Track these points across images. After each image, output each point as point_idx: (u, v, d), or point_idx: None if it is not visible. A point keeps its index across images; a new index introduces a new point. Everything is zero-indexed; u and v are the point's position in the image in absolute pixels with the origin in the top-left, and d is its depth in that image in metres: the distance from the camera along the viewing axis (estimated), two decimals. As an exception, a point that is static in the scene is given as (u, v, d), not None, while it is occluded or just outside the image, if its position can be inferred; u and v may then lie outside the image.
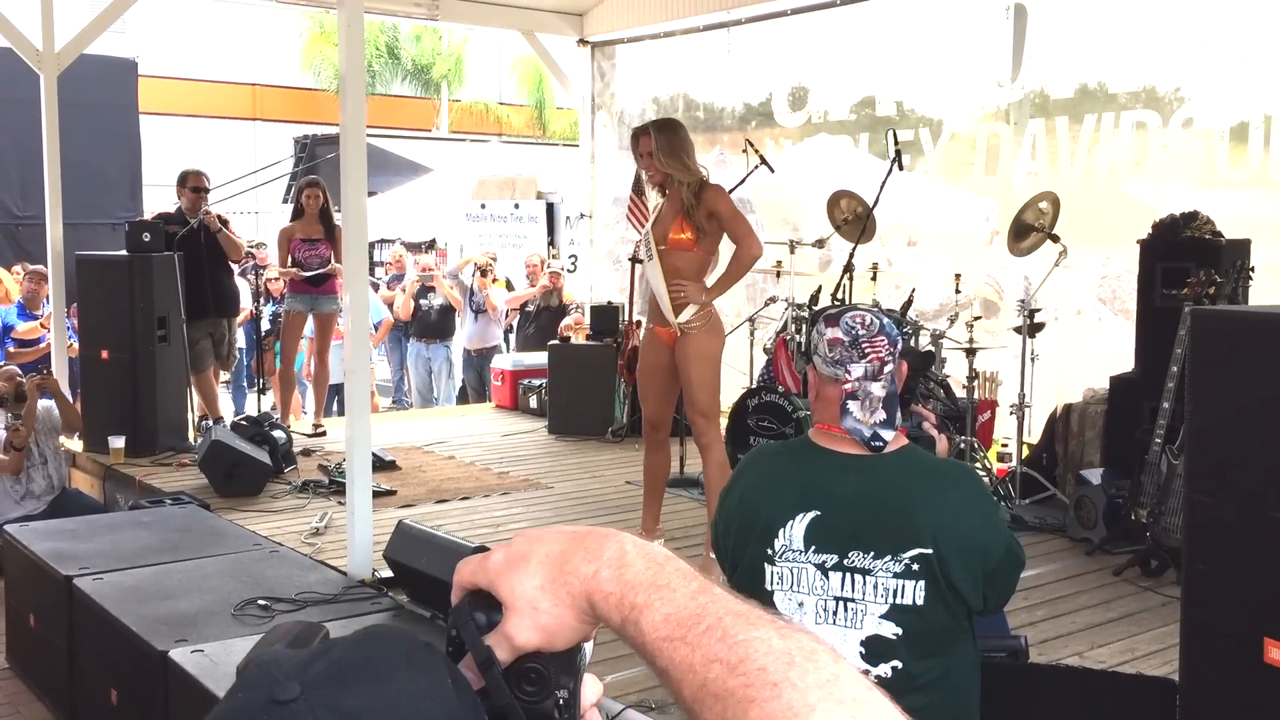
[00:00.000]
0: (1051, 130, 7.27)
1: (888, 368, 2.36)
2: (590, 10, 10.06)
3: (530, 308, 10.81)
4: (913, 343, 6.37)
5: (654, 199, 5.40)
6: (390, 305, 11.09)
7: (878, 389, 2.34)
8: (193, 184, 7.98)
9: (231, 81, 23.70)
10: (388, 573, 4.84)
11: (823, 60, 8.57)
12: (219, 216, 8.10)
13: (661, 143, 5.00)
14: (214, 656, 3.89)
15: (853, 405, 2.35)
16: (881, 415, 2.35)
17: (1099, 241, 6.88)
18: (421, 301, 10.89)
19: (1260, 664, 2.65)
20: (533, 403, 9.10)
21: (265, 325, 9.26)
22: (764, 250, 5.20)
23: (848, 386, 2.35)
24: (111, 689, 4.32)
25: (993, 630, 3.48)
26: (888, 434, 2.35)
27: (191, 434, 7.67)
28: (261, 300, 9.05)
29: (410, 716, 0.69)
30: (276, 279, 9.27)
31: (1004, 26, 7.37)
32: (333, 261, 8.11)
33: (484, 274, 10.66)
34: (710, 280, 5.13)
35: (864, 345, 2.35)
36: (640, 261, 5.86)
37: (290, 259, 8.10)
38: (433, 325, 10.88)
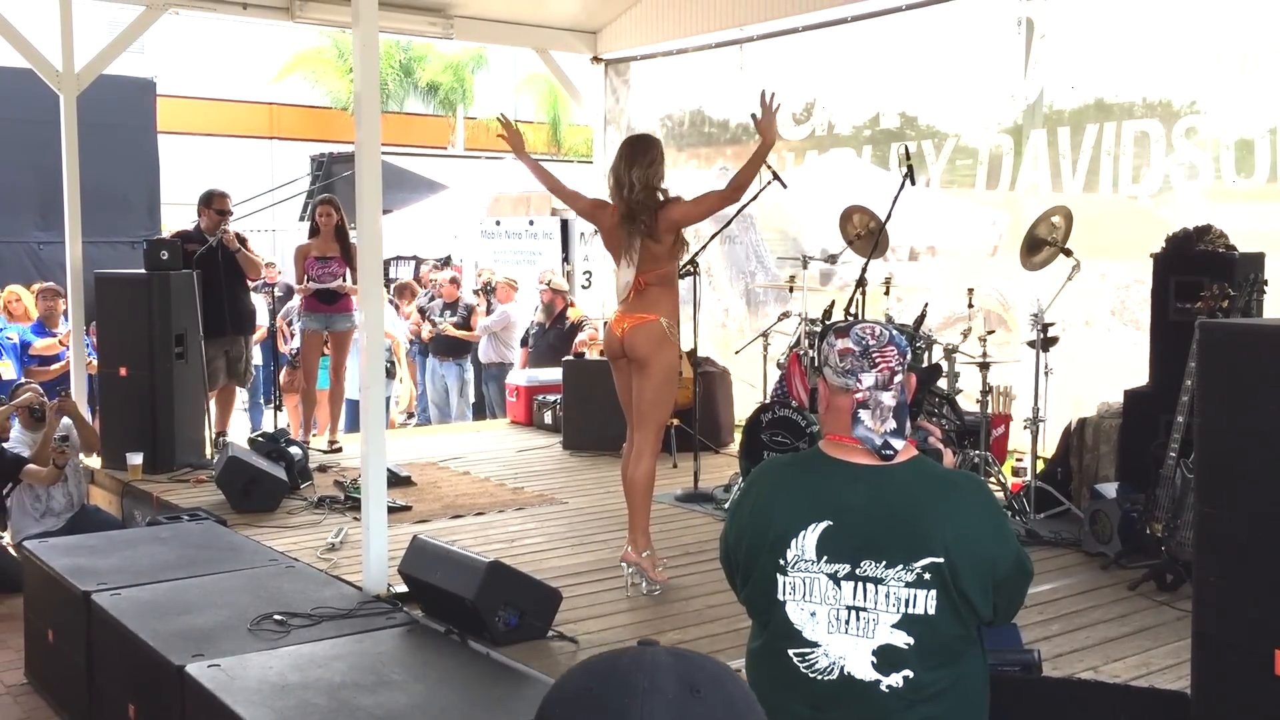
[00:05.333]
0: (1059, 142, 7.28)
1: (897, 378, 2.38)
2: (604, 28, 10.13)
3: (534, 326, 10.88)
4: (925, 358, 6.38)
5: None
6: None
7: (888, 398, 2.37)
8: (218, 206, 8.06)
9: (249, 101, 23.91)
10: (403, 588, 4.87)
11: (833, 75, 8.61)
12: (237, 235, 8.17)
13: None
14: (230, 670, 3.92)
15: (864, 414, 2.37)
16: (892, 424, 2.37)
17: (1107, 253, 6.88)
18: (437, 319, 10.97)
19: (1271, 676, 2.65)
20: (547, 418, 9.12)
21: (297, 344, 9.33)
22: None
23: (859, 396, 2.37)
24: (129, 703, 4.35)
25: (1006, 644, 3.48)
26: (898, 443, 2.37)
27: (209, 451, 7.72)
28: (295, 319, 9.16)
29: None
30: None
31: (1014, 40, 7.39)
32: (348, 279, 8.16)
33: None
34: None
35: (874, 355, 2.38)
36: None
37: (305, 277, 8.16)
38: (448, 342, 10.94)
